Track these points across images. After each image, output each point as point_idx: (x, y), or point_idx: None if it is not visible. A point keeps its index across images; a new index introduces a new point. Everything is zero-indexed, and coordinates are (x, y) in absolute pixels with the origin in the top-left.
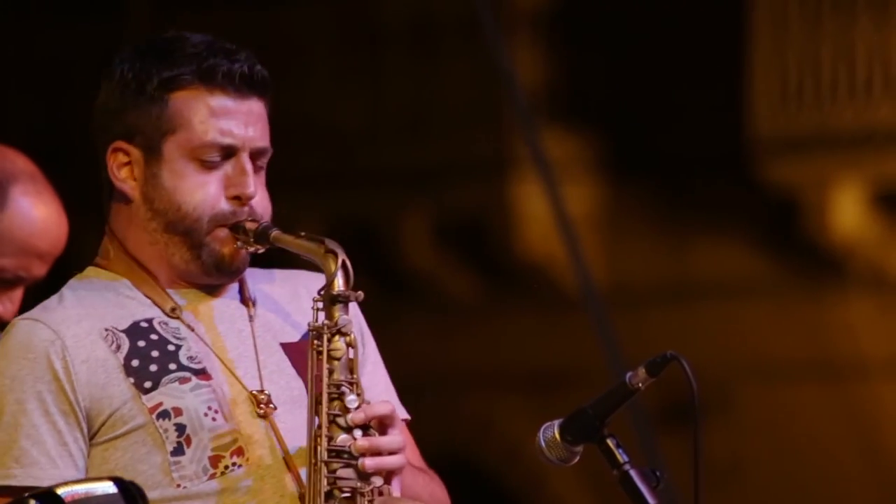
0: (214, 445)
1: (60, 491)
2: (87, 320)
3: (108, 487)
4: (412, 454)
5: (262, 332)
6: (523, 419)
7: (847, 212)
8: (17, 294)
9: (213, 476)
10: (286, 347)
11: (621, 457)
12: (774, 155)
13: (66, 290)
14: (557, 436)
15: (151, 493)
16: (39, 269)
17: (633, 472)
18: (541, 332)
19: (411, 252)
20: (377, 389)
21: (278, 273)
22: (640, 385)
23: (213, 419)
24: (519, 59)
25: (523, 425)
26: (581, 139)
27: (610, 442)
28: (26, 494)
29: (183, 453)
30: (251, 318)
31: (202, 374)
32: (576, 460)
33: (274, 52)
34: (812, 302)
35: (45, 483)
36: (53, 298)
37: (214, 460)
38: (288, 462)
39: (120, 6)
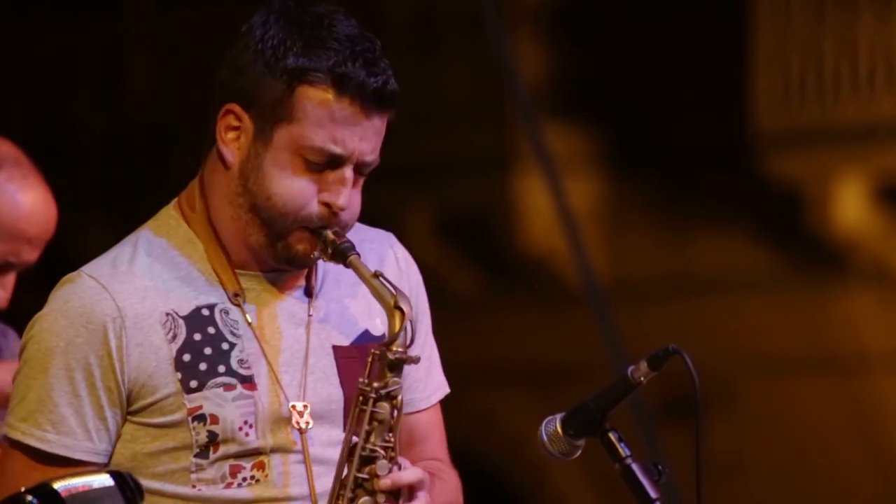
0: (238, 457)
1: (56, 485)
2: (152, 298)
3: (106, 480)
4: (439, 443)
5: (317, 330)
6: (525, 413)
7: (850, 206)
8: (10, 279)
9: (229, 485)
10: (337, 351)
11: (623, 451)
12: (777, 149)
13: (140, 246)
14: (559, 430)
15: (166, 486)
16: (30, 255)
17: (634, 466)
18: (543, 326)
19: (413, 247)
20: (416, 374)
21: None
22: (642, 379)
23: (247, 434)
24: (521, 54)
25: (525, 419)
26: (583, 134)
27: (612, 436)
28: (23, 489)
29: (206, 458)
30: (310, 313)
31: (248, 382)
32: (577, 454)
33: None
34: (814, 296)
35: (76, 455)
36: (126, 253)
37: (234, 470)
38: (310, 483)
39: (121, 4)
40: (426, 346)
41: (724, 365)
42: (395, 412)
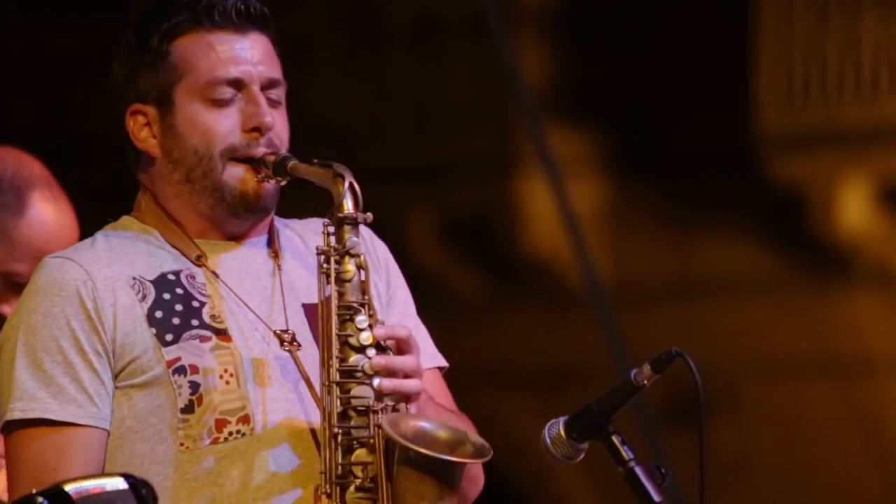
0: (223, 409)
1: (68, 487)
2: (118, 265)
3: (119, 483)
4: (446, 401)
5: (286, 290)
6: (529, 416)
7: (853, 208)
8: None
9: (215, 441)
10: (306, 308)
11: (626, 454)
12: (780, 152)
13: (99, 235)
14: (563, 433)
15: (157, 447)
16: None
17: (638, 469)
18: (547, 329)
19: (417, 250)
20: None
21: (296, 224)
22: (645, 382)
23: (227, 382)
24: (524, 57)
25: (529, 422)
26: (586, 136)
27: (615, 439)
28: (34, 491)
29: (192, 412)
30: (277, 271)
31: (223, 334)
32: (581, 457)
33: (278, 50)
34: (818, 299)
35: (82, 420)
36: (86, 241)
37: (220, 424)
38: (314, 397)
39: (123, 5)
40: (407, 318)
41: (728, 368)
42: (362, 272)
